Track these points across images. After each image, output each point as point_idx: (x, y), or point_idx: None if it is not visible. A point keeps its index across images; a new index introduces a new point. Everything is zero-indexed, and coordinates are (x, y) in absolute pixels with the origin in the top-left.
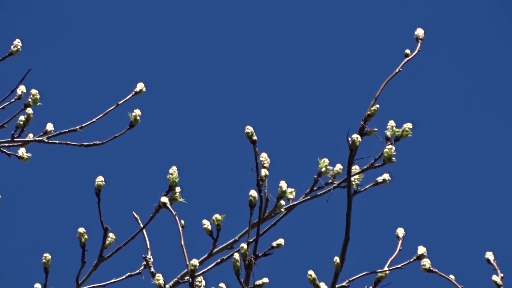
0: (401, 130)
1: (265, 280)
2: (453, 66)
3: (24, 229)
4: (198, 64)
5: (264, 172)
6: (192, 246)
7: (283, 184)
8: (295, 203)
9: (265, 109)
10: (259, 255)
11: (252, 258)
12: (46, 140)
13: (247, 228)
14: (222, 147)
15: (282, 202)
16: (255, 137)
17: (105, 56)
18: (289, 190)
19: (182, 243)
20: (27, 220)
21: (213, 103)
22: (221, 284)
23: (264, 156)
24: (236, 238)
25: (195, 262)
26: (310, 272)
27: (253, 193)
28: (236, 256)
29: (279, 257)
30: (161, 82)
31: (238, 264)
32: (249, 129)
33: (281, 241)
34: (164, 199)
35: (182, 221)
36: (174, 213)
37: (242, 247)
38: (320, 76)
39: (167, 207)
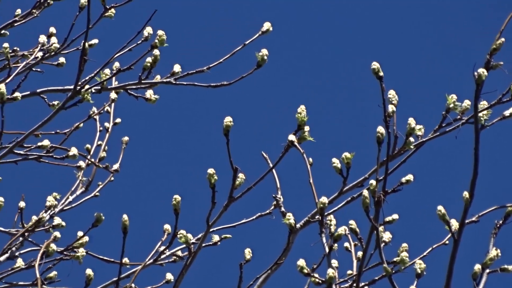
0: None
1: (395, 216)
2: None
3: (153, 171)
4: (325, 2)
5: (391, 108)
6: (322, 185)
7: (411, 121)
8: (424, 139)
9: (391, 45)
10: (388, 191)
11: (381, 195)
12: (174, 82)
13: (376, 166)
14: (349, 85)
15: (411, 139)
16: (381, 73)
17: None
18: (418, 127)
19: (311, 181)
20: (156, 162)
21: (339, 40)
22: (351, 221)
23: (392, 93)
24: (366, 176)
25: (324, 199)
26: (440, 207)
27: (381, 129)
28: (365, 193)
29: (408, 194)
30: (288, 20)
31: (367, 201)
32: (375, 65)
33: (410, 177)
34: (292, 137)
35: (310, 159)
36: (302, 151)
37: (371, 184)
38: (445, 12)
39: (295, 145)
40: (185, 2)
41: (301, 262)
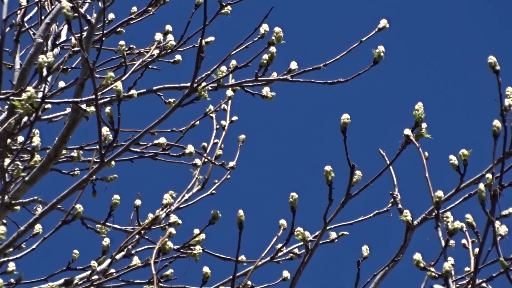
0: None
1: (511, 210)
2: None
3: (269, 169)
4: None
5: (508, 101)
6: (439, 182)
7: None
8: None
9: (507, 41)
10: (505, 185)
11: (498, 188)
12: (290, 79)
13: (492, 161)
14: (466, 81)
15: None
16: (498, 67)
17: None
18: None
19: (427, 175)
20: (272, 160)
21: (455, 36)
22: (467, 215)
23: (510, 90)
24: (483, 172)
25: (440, 193)
26: None
27: (497, 123)
28: (482, 186)
29: None
30: (404, 17)
31: (484, 194)
32: (492, 59)
33: None
34: (407, 131)
35: (426, 153)
36: (417, 145)
37: (488, 178)
38: None
39: (411, 139)
40: None
41: (417, 256)
